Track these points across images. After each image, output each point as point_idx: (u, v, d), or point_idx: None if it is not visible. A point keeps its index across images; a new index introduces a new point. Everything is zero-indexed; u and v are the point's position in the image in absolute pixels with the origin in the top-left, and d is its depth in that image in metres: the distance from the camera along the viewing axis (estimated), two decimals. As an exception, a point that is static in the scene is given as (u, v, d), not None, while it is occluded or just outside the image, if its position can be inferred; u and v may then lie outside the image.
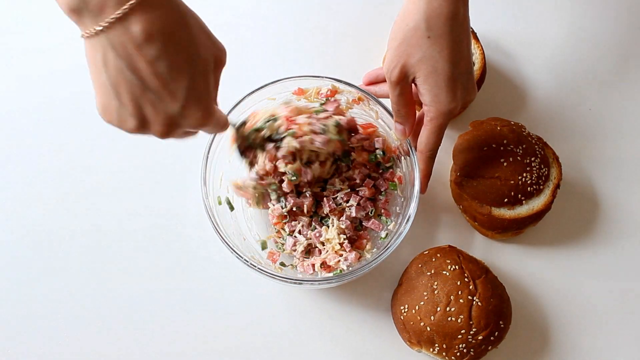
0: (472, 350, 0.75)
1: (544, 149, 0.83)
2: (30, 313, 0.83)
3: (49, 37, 0.93)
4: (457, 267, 0.77)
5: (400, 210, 0.80)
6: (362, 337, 0.82)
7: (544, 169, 0.81)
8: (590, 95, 0.92)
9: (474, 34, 0.87)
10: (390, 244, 0.74)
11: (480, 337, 0.75)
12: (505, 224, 0.81)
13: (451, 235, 0.86)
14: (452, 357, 0.76)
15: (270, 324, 0.83)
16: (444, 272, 0.77)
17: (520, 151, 0.81)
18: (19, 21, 0.94)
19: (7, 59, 0.92)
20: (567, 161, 0.87)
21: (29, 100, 0.90)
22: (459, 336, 0.75)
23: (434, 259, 0.79)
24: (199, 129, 0.58)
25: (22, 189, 0.87)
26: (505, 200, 0.80)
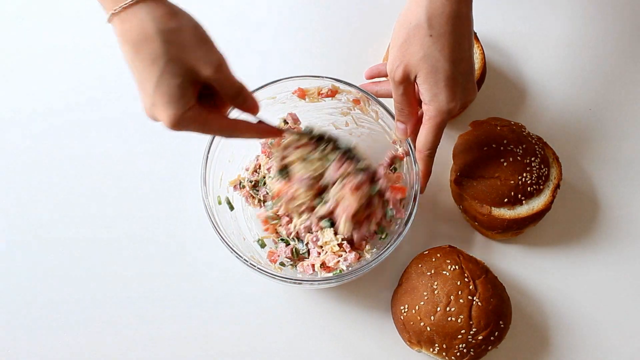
0: (472, 350, 0.75)
1: (544, 149, 0.83)
2: (31, 314, 0.83)
3: (50, 38, 0.93)
4: (457, 267, 0.77)
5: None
6: (362, 337, 0.82)
7: (544, 169, 0.81)
8: (590, 95, 0.92)
9: (475, 34, 0.87)
10: (390, 244, 0.74)
11: (480, 337, 0.75)
12: (505, 224, 0.81)
13: (451, 236, 0.86)
14: (452, 357, 0.76)
15: (270, 324, 0.82)
16: (444, 272, 0.77)
17: (520, 151, 0.80)
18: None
19: (6, 63, 0.92)
20: (567, 161, 0.87)
21: (28, 104, 0.90)
22: (459, 336, 0.75)
23: (434, 259, 0.79)
24: (189, 130, 0.60)
25: (23, 191, 0.87)
26: (505, 200, 0.80)
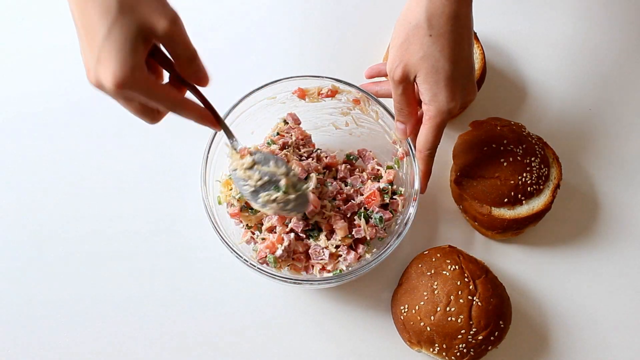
0: (472, 350, 0.75)
1: (544, 149, 0.83)
2: (31, 313, 0.83)
3: (50, 38, 0.93)
4: (457, 267, 0.77)
5: (401, 210, 0.80)
6: (362, 337, 0.82)
7: (544, 169, 0.81)
8: (590, 95, 0.92)
9: (475, 34, 0.87)
10: (390, 244, 0.74)
11: (480, 337, 0.75)
12: (505, 224, 0.81)
13: (451, 235, 0.86)
14: (452, 357, 0.76)
15: (270, 324, 0.82)
16: (444, 272, 0.77)
17: (520, 151, 0.80)
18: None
19: (6, 63, 0.92)
20: (567, 161, 0.87)
21: (28, 104, 0.90)
22: (459, 336, 0.75)
23: (434, 259, 0.79)
24: (124, 91, 0.54)
25: (23, 190, 0.87)
26: (505, 200, 0.80)
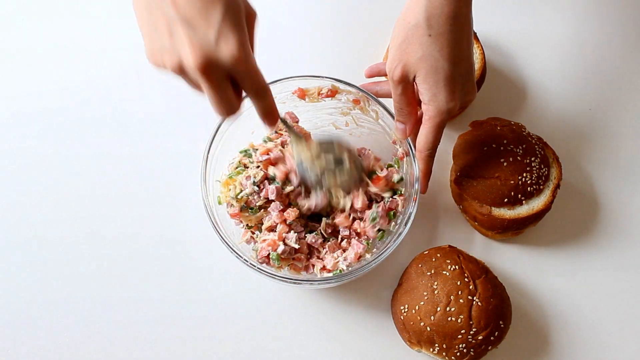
0: (472, 350, 0.75)
1: (544, 149, 0.83)
2: (31, 315, 0.83)
3: (50, 38, 0.93)
4: (457, 267, 0.77)
5: (401, 210, 0.80)
6: (362, 337, 0.82)
7: (544, 169, 0.81)
8: (590, 95, 0.92)
9: (475, 34, 0.87)
10: (390, 244, 0.74)
11: (480, 337, 0.75)
12: (505, 224, 0.81)
13: (451, 235, 0.86)
14: (452, 357, 0.76)
15: (270, 324, 0.82)
16: (444, 272, 0.77)
17: (520, 151, 0.80)
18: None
19: (6, 63, 0.93)
20: (567, 161, 0.87)
21: (28, 104, 0.90)
22: (459, 336, 0.75)
23: (433, 259, 0.79)
24: (237, 71, 0.56)
25: (23, 190, 0.87)
26: (505, 200, 0.80)
